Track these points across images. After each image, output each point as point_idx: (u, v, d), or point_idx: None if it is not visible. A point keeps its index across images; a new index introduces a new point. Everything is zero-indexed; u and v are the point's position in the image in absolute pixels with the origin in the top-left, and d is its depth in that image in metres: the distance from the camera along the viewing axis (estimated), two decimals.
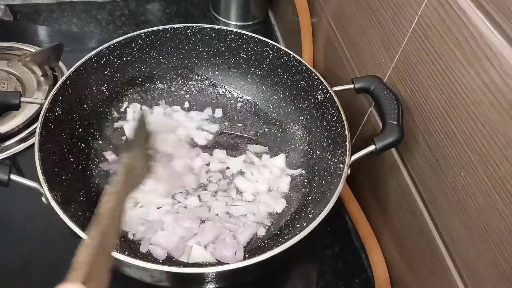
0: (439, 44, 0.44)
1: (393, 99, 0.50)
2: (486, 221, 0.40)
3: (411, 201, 0.52)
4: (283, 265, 0.59)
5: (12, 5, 0.91)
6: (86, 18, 0.93)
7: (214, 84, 0.71)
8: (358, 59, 0.62)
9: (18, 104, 0.52)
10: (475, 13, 0.38)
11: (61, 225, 0.44)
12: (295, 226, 0.55)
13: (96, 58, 0.61)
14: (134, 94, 0.68)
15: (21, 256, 0.56)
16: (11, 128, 0.67)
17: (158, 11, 0.97)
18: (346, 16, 0.64)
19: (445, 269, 0.46)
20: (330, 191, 0.51)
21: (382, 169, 0.59)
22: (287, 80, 0.66)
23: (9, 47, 0.79)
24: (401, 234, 0.56)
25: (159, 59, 0.68)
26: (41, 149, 0.50)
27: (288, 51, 0.63)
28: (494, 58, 0.36)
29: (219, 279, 0.46)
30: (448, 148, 0.44)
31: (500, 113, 0.37)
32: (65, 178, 0.55)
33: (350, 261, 0.61)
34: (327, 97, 0.58)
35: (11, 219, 0.61)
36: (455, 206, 0.44)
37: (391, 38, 0.52)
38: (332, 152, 0.57)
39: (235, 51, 0.68)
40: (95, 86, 0.63)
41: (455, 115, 0.43)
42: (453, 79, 0.42)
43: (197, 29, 0.66)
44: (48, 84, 0.74)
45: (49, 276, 0.55)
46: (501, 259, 0.38)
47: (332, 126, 0.58)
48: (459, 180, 0.43)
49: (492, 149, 0.38)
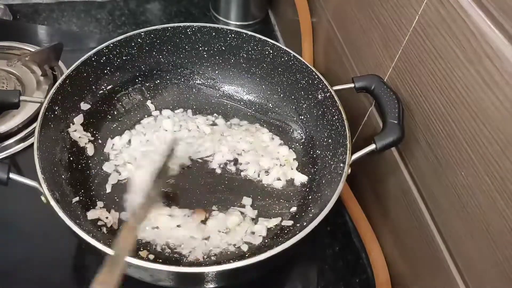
0: (439, 43, 0.44)
1: (394, 98, 0.50)
2: (487, 221, 0.39)
3: (412, 200, 0.52)
4: (283, 265, 0.59)
5: (12, 4, 0.91)
6: (86, 18, 0.93)
7: (214, 83, 0.71)
8: (359, 58, 0.62)
9: (18, 103, 0.52)
10: (476, 11, 0.38)
11: (60, 225, 0.44)
12: (295, 226, 0.55)
13: (95, 57, 0.61)
14: (134, 93, 0.68)
15: (21, 256, 0.56)
16: (10, 128, 0.67)
17: (158, 11, 0.97)
18: (346, 16, 0.64)
19: (445, 268, 0.46)
20: (330, 191, 0.51)
21: (383, 168, 0.59)
22: (287, 79, 0.66)
23: (9, 46, 0.79)
24: (402, 233, 0.55)
25: (159, 58, 0.68)
26: (40, 148, 0.50)
27: (288, 50, 0.63)
28: (495, 56, 0.36)
29: (219, 278, 0.46)
30: (448, 147, 0.44)
31: (501, 112, 0.36)
32: (65, 177, 0.55)
33: (350, 261, 0.61)
34: (328, 96, 0.58)
35: (10, 219, 0.60)
36: (455, 205, 0.44)
37: (391, 37, 0.52)
38: (332, 152, 0.57)
39: (235, 50, 0.68)
40: (95, 85, 0.63)
41: (456, 114, 0.42)
42: (453, 78, 0.42)
43: (197, 28, 0.66)
44: (47, 83, 0.74)
45: (49, 275, 0.55)
46: (502, 259, 0.38)
47: (333, 125, 0.58)
48: (459, 179, 0.43)
49: (493, 148, 0.38)
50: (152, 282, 0.47)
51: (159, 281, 0.47)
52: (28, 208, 0.59)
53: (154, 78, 0.70)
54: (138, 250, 0.53)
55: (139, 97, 0.69)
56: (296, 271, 0.59)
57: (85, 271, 0.57)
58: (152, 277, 0.46)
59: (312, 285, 0.59)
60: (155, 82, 0.70)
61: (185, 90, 0.71)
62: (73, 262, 0.57)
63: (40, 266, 0.56)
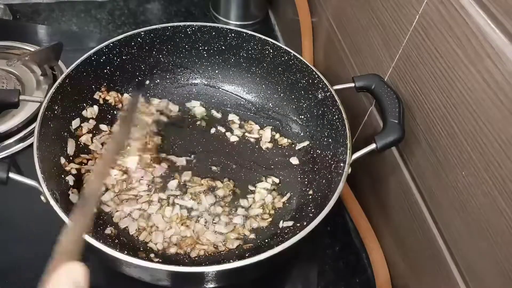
0: (440, 42, 0.44)
1: (394, 97, 0.50)
2: (488, 221, 0.39)
3: (412, 200, 0.52)
4: (283, 265, 0.59)
5: (12, 4, 0.91)
6: (85, 18, 0.93)
7: (214, 82, 0.71)
8: (359, 57, 0.62)
9: (17, 102, 0.52)
10: (477, 11, 0.38)
11: (60, 224, 0.44)
12: (295, 226, 0.55)
13: (95, 57, 0.61)
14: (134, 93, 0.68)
15: (20, 255, 0.56)
16: (10, 127, 0.67)
17: (158, 11, 0.97)
18: (346, 15, 0.64)
19: (446, 268, 0.46)
20: (330, 190, 0.51)
21: (383, 168, 0.59)
22: (287, 78, 0.66)
23: (9, 46, 0.79)
24: (402, 233, 0.55)
25: (159, 58, 0.68)
26: (40, 148, 0.50)
27: (288, 50, 0.63)
28: (496, 56, 0.36)
29: (219, 278, 0.46)
30: (449, 147, 0.44)
31: (501, 111, 0.36)
32: (64, 176, 0.55)
33: (351, 261, 0.61)
34: (328, 96, 0.58)
35: (10, 218, 0.60)
36: (456, 205, 0.44)
37: (391, 36, 0.52)
38: (332, 151, 0.57)
39: (235, 50, 0.68)
40: (95, 84, 0.63)
41: (456, 114, 0.42)
42: (454, 78, 0.42)
43: (197, 28, 0.66)
44: (47, 83, 0.74)
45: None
46: (503, 258, 0.38)
47: (333, 124, 0.57)
48: (460, 179, 0.43)
49: (493, 148, 0.38)
50: (152, 282, 0.47)
51: (159, 280, 0.47)
52: (27, 208, 0.58)
53: (154, 77, 0.70)
54: (138, 250, 0.53)
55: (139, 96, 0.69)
56: (296, 271, 0.59)
57: None
58: (152, 277, 0.46)
59: (312, 285, 0.58)
60: (155, 82, 0.70)
61: (185, 89, 0.71)
62: None
63: (40, 266, 0.55)
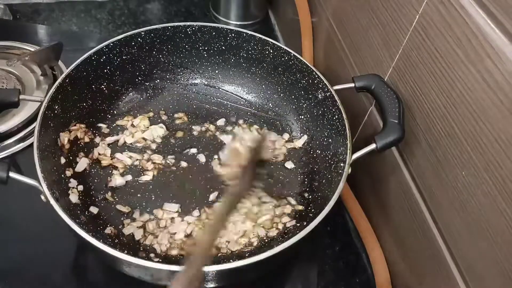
0: (440, 42, 0.44)
1: (394, 97, 0.50)
2: (488, 221, 0.39)
3: (412, 200, 0.52)
4: (283, 265, 0.59)
5: (12, 4, 0.91)
6: (85, 18, 0.93)
7: (214, 82, 0.71)
8: (359, 58, 0.62)
9: (17, 101, 0.52)
10: (477, 11, 0.38)
11: (60, 224, 0.44)
12: (295, 226, 0.55)
13: (95, 56, 0.61)
14: (134, 93, 0.68)
15: (20, 255, 0.56)
16: (10, 127, 0.67)
17: (158, 11, 0.97)
18: (346, 15, 0.64)
19: (446, 268, 0.46)
20: (330, 190, 0.51)
21: (383, 168, 0.59)
22: (287, 79, 0.66)
23: (9, 46, 0.79)
24: (402, 233, 0.55)
25: (159, 58, 0.68)
26: (40, 147, 0.50)
27: (288, 50, 0.63)
28: (496, 56, 0.36)
29: (219, 278, 0.46)
30: (449, 147, 0.44)
31: (501, 111, 0.36)
32: (64, 176, 0.55)
33: (351, 260, 0.61)
34: (328, 96, 0.58)
35: (10, 218, 0.60)
36: (456, 205, 0.44)
37: (391, 36, 0.52)
38: (332, 151, 0.57)
39: (235, 50, 0.68)
40: (95, 84, 0.63)
41: (456, 114, 0.42)
42: (454, 78, 0.42)
43: (197, 28, 0.66)
44: (47, 83, 0.73)
45: (49, 275, 0.55)
46: (503, 258, 0.38)
47: (333, 125, 0.57)
48: (460, 179, 0.43)
49: (493, 148, 0.38)
50: (152, 281, 0.47)
51: (159, 280, 0.47)
52: (27, 208, 0.58)
53: (154, 77, 0.70)
54: (138, 250, 0.53)
55: (139, 97, 0.69)
56: (296, 271, 0.59)
57: (85, 271, 0.57)
58: (152, 276, 0.46)
59: (312, 285, 0.58)
60: (155, 82, 0.70)
61: (185, 89, 0.71)
62: (73, 261, 0.57)
63: (40, 265, 0.56)
